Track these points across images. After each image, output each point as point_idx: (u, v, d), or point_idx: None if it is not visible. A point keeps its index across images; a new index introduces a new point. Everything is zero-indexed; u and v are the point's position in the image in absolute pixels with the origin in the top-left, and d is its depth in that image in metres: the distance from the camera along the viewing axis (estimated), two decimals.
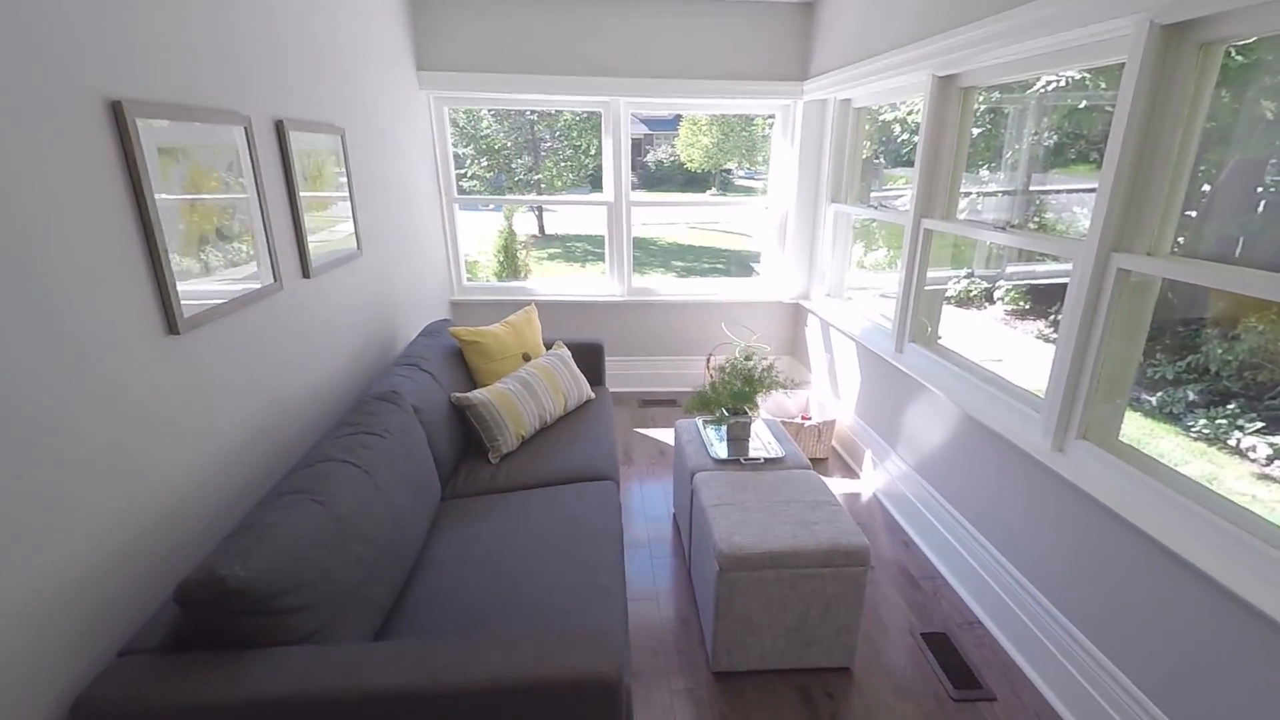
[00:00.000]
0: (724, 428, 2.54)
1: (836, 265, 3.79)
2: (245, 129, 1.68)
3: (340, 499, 1.48)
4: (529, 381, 2.59)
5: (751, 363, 2.50)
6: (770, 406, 3.55)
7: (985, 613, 2.17)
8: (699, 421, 2.63)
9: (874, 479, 3.05)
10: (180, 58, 1.43)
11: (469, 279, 4.20)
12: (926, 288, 2.73)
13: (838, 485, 3.12)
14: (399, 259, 3.01)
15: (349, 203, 2.39)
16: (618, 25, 3.54)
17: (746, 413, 2.49)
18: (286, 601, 1.22)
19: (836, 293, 3.81)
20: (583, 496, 2.13)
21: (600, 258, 4.18)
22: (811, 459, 3.33)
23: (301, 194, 2.00)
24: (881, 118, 3.51)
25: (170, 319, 1.37)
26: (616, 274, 4.12)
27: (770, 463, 2.34)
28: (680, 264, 11.85)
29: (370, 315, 2.58)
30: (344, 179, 2.35)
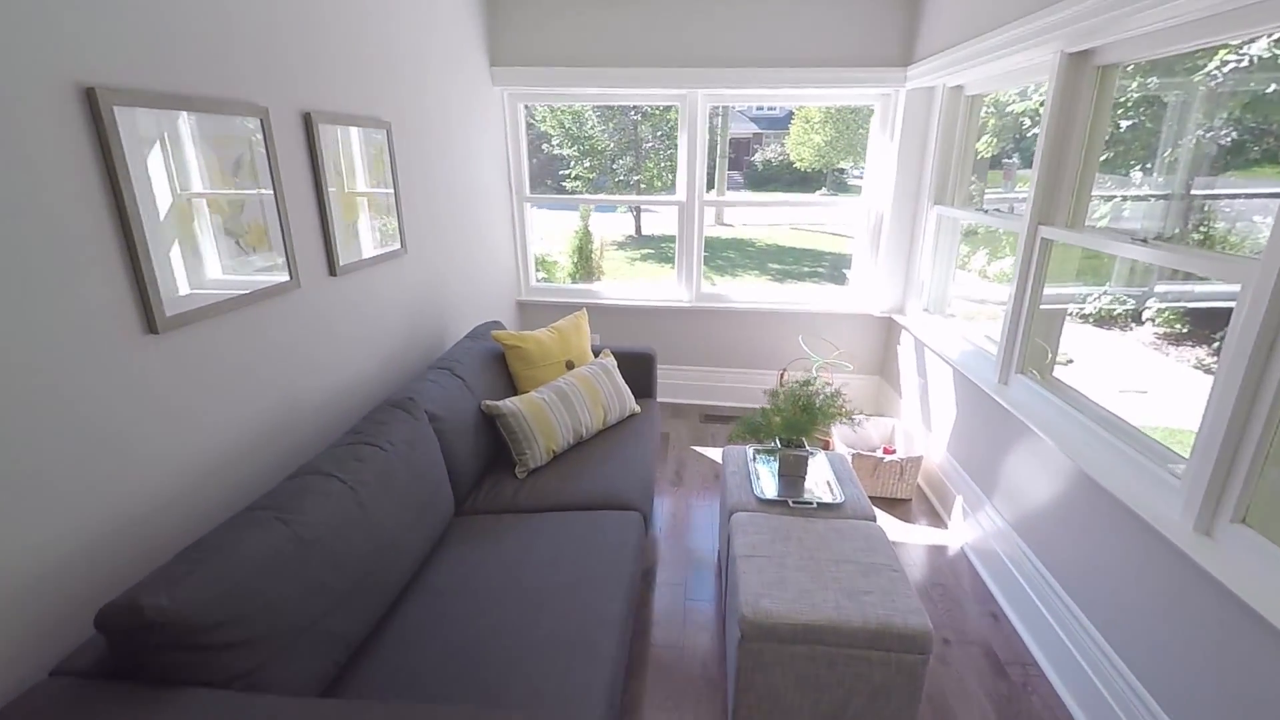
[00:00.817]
0: (775, 460, 2.23)
1: (938, 277, 3.31)
2: (262, 120, 1.62)
3: (311, 519, 1.37)
4: (565, 391, 2.41)
5: (812, 388, 2.17)
6: (846, 434, 3.16)
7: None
8: (750, 450, 2.34)
9: (963, 531, 2.60)
10: (178, 46, 1.37)
11: (543, 279, 4.14)
12: (1045, 307, 2.26)
13: (919, 534, 2.69)
14: (456, 258, 2.95)
15: (393, 199, 2.33)
16: (694, 12, 3.28)
17: (804, 445, 2.17)
18: (217, 637, 1.11)
19: (936, 308, 3.33)
20: (603, 529, 1.92)
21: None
22: (891, 499, 2.91)
23: (331, 190, 1.93)
24: (1010, 109, 3.01)
25: (149, 317, 1.31)
26: (685, 278, 3.87)
27: (825, 509, 2.01)
28: (777, 266, 11.35)
29: (415, 315, 2.52)
30: (389, 175, 2.29)
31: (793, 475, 2.15)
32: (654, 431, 2.64)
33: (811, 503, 2.02)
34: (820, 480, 2.16)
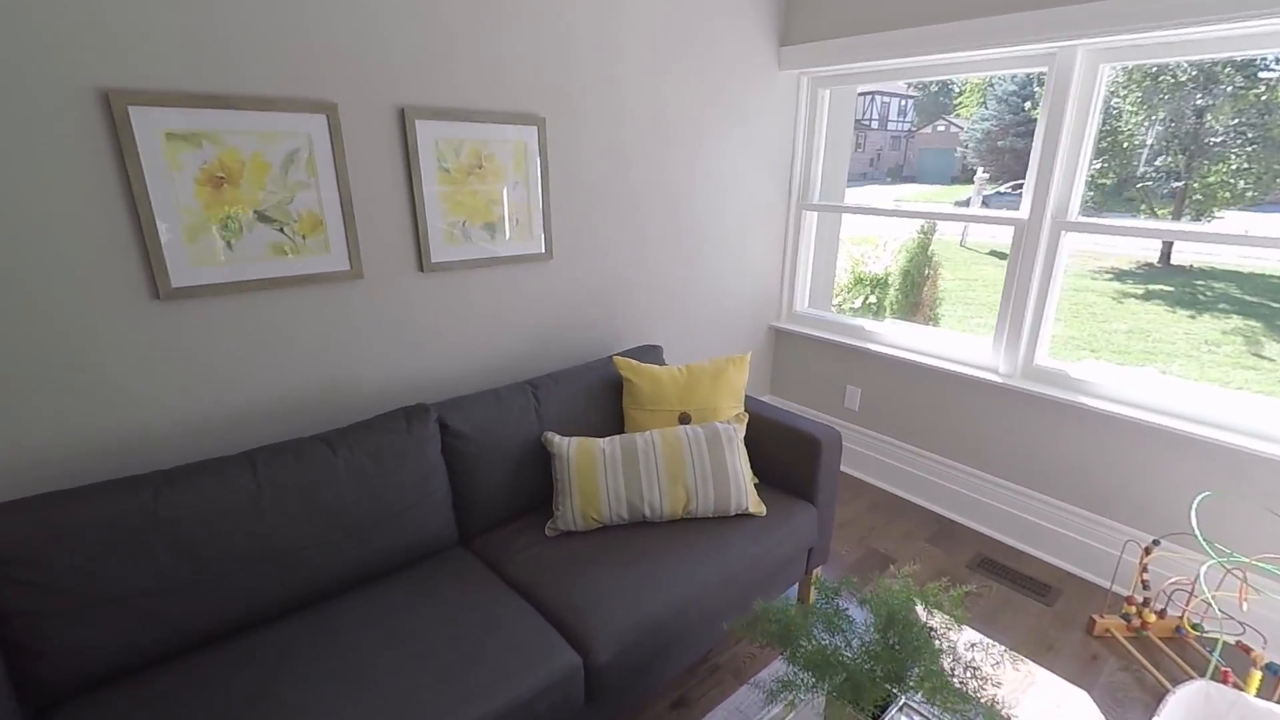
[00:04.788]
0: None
1: None
2: (328, 116, 1.70)
3: (182, 500, 1.40)
4: (635, 450, 1.88)
5: (920, 636, 1.09)
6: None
7: None
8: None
9: None
10: (220, 49, 1.52)
11: (859, 304, 3.36)
12: None
13: None
14: (640, 267, 2.63)
15: (539, 200, 2.18)
16: None
17: None
18: (13, 570, 1.24)
19: None
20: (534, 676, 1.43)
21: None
22: None
23: (430, 187, 1.92)
24: None
25: (156, 285, 1.54)
26: (1009, 337, 2.52)
27: None
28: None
29: (552, 324, 2.35)
30: (536, 174, 2.15)
31: None
32: (762, 553, 1.84)
33: None
34: None
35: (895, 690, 1.14)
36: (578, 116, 2.23)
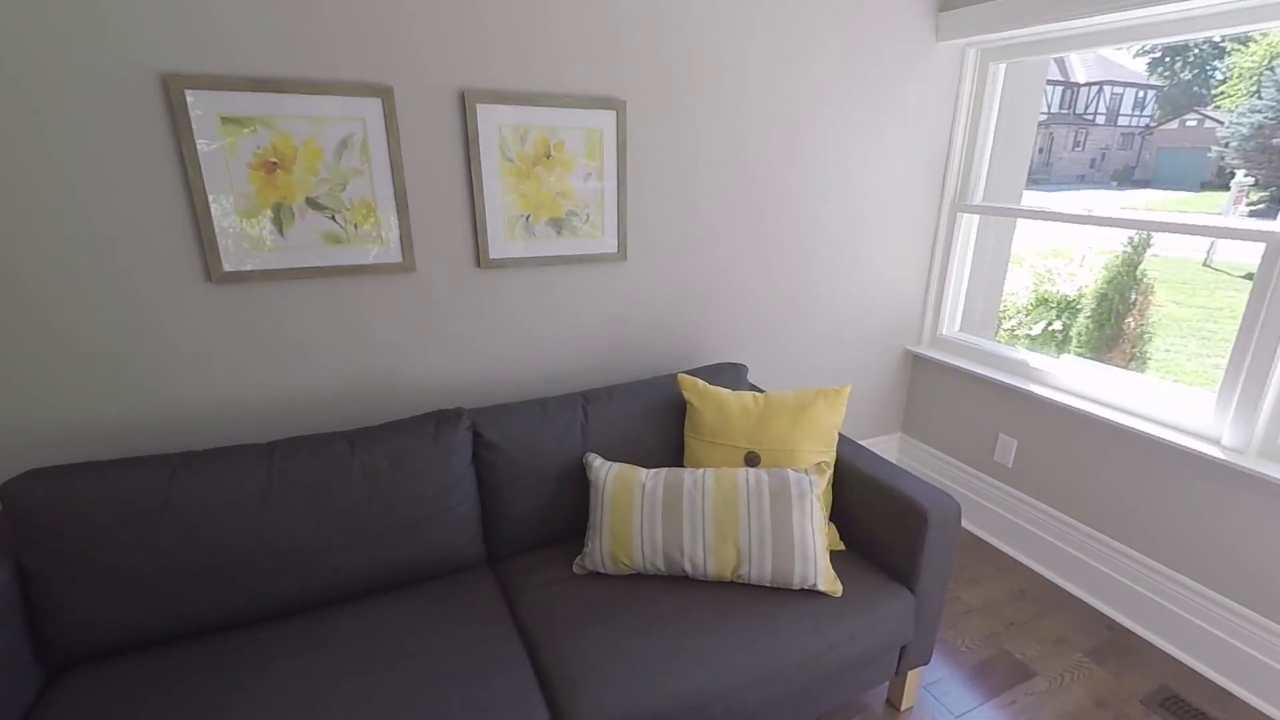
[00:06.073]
0: None
1: None
2: (383, 101, 1.61)
3: (195, 487, 1.38)
4: (679, 493, 1.58)
5: None
6: None
7: None
8: None
9: None
10: (264, 30, 1.46)
11: (1013, 333, 2.76)
12: None
13: None
14: (728, 272, 2.29)
15: (615, 195, 1.96)
16: None
17: None
18: (41, 537, 1.28)
19: None
20: None
21: None
22: None
23: (492, 178, 1.78)
24: None
25: (209, 268, 1.56)
26: (1242, 396, 1.80)
27: None
28: None
29: (624, 331, 2.11)
30: (613, 165, 1.92)
31: None
32: (841, 641, 1.46)
33: None
34: None
35: None
36: (668, 99, 1.96)
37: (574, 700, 1.27)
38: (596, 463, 1.69)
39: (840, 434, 1.93)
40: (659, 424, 1.86)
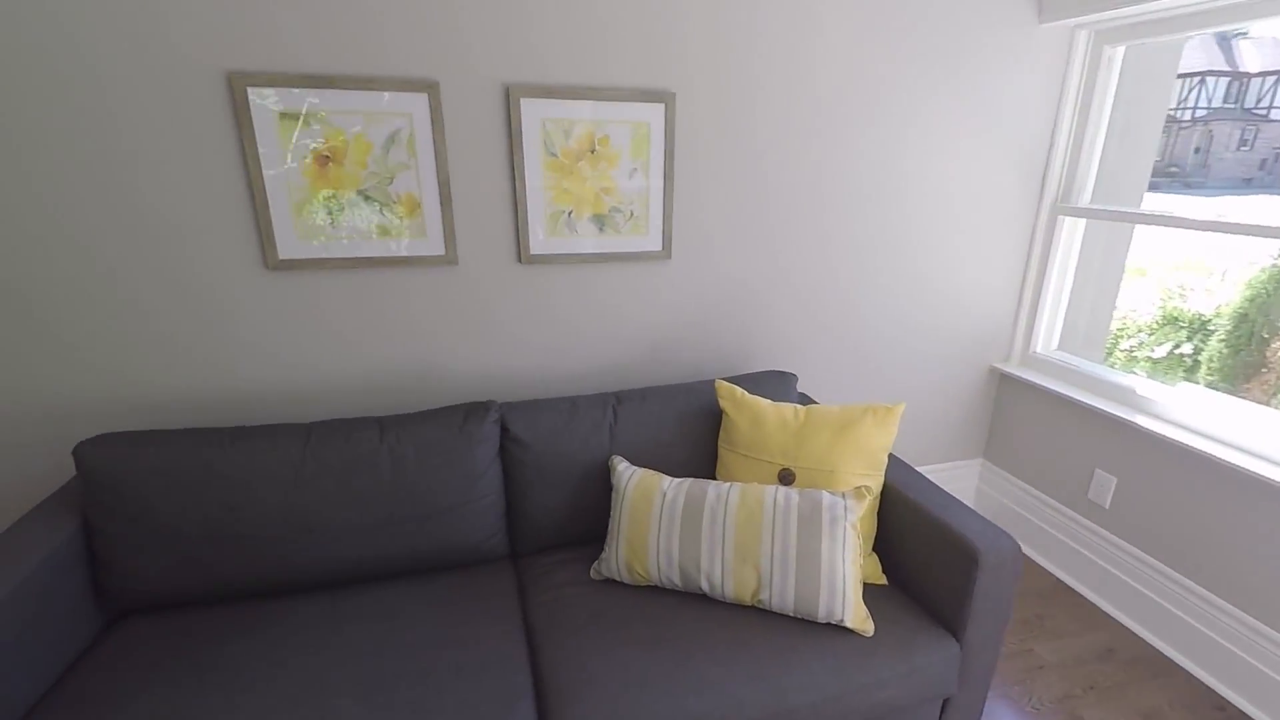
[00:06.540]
0: None
1: None
2: (429, 95, 1.64)
3: (238, 460, 1.46)
4: (700, 505, 1.49)
5: None
6: None
7: None
8: None
9: None
10: (319, 29, 1.52)
11: (1131, 354, 2.44)
12: None
13: None
14: (781, 276, 2.15)
15: (661, 191, 1.89)
16: None
17: None
18: (106, 497, 1.41)
19: None
20: None
21: None
22: None
23: (534, 173, 1.77)
24: None
25: (265, 256, 1.65)
26: None
27: None
28: None
29: (663, 334, 2.04)
30: (660, 161, 1.86)
31: None
32: (866, 687, 1.33)
33: None
34: None
35: None
36: (722, 91, 1.87)
37: (562, 711, 1.22)
38: (621, 466, 1.64)
39: (893, 456, 1.76)
40: (693, 431, 1.78)
